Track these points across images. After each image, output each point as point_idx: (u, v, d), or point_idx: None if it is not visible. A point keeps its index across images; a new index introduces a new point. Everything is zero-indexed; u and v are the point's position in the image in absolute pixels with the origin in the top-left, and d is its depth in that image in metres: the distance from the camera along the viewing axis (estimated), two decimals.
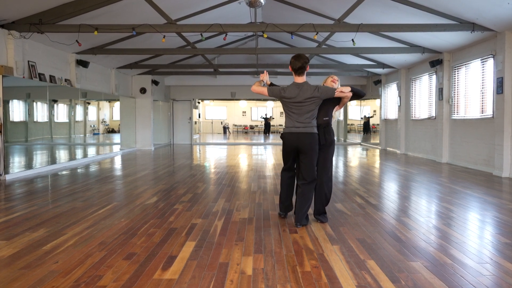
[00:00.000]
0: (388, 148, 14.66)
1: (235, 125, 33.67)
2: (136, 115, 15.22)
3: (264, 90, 4.30)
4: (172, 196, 5.79)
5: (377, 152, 14.00)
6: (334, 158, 4.76)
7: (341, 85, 4.42)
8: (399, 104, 13.20)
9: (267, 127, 29.14)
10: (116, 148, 14.87)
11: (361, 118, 21.26)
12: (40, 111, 10.12)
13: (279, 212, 4.59)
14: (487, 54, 8.48)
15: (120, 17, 8.53)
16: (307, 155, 4.12)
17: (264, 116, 29.88)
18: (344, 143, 18.45)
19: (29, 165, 9.59)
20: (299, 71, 4.13)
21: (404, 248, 3.48)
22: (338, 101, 4.37)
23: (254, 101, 32.55)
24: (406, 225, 4.24)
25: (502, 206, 5.15)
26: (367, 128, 21.69)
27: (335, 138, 4.93)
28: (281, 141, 4.37)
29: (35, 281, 2.76)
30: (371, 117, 21.94)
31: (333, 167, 9.31)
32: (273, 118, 30.63)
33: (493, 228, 4.20)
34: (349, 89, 4.19)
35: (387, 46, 10.54)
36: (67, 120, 11.79)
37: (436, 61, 10.28)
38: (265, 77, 4.50)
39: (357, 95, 4.33)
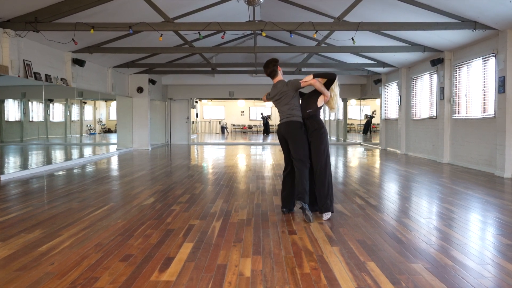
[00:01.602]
0: (388, 148, 14.62)
1: (234, 125, 33.62)
2: (133, 114, 15.15)
3: (265, 97, 5.00)
4: (169, 197, 5.74)
5: (377, 152, 13.97)
6: (333, 158, 4.86)
7: (340, 85, 4.75)
8: (399, 104, 13.15)
9: (266, 127, 29.05)
10: (113, 148, 14.82)
11: (364, 117, 21.18)
12: (36, 111, 10.07)
13: (282, 210, 4.77)
14: (488, 53, 8.44)
15: (117, 15, 8.47)
16: (290, 140, 4.58)
17: (262, 116, 29.82)
18: (344, 143, 18.40)
19: (24, 165, 9.54)
20: (271, 75, 4.75)
21: (404, 249, 3.45)
22: (319, 93, 4.62)
23: (253, 101, 32.49)
24: (407, 226, 4.20)
25: (503, 207, 5.11)
26: (367, 128, 21.63)
27: (334, 138, 5.16)
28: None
29: (30, 283, 2.73)
30: (373, 117, 21.86)
31: (333, 167, 9.38)
32: (269, 118, 30.54)
33: (495, 229, 4.17)
34: (311, 76, 4.53)
35: (387, 45, 10.49)
36: (63, 120, 11.73)
37: (437, 60, 10.23)
38: None
39: (329, 80, 4.58)
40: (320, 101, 4.60)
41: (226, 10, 10.22)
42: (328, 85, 4.57)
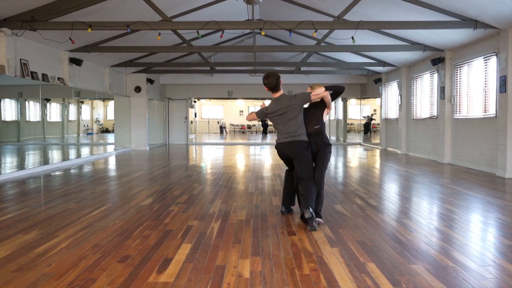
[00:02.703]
0: (388, 148, 14.59)
1: (232, 125, 33.57)
2: (130, 114, 15.09)
3: (254, 115, 4.56)
4: (167, 198, 5.71)
5: (378, 152, 13.95)
6: (333, 158, 4.78)
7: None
8: (400, 103, 13.12)
9: (265, 127, 29.18)
10: (110, 148, 14.78)
11: (363, 117, 21.16)
12: (33, 110, 10.04)
13: (281, 210, 4.72)
14: (490, 52, 8.41)
15: (114, 14, 8.43)
16: (297, 160, 4.33)
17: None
18: (344, 143, 18.39)
19: (21, 165, 9.50)
20: (274, 88, 4.39)
21: (405, 250, 3.42)
22: (324, 106, 4.48)
23: (252, 100, 32.41)
24: (407, 227, 4.17)
25: (505, 208, 5.09)
26: (367, 128, 21.64)
27: (334, 138, 5.01)
28: None
29: (27, 284, 2.71)
30: (373, 119, 21.81)
31: (333, 167, 9.35)
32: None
33: (496, 230, 4.15)
34: (323, 89, 4.30)
35: (387, 44, 10.46)
36: (60, 120, 11.69)
37: (437, 59, 10.21)
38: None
39: (336, 92, 4.47)
40: (325, 115, 4.49)
41: (225, 9, 10.18)
42: (334, 97, 4.48)
